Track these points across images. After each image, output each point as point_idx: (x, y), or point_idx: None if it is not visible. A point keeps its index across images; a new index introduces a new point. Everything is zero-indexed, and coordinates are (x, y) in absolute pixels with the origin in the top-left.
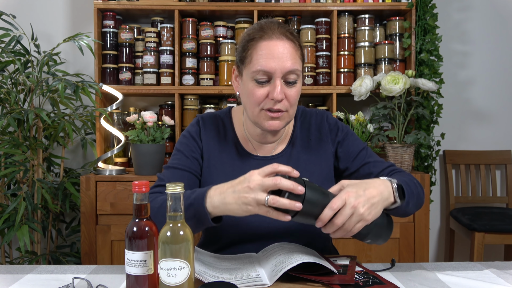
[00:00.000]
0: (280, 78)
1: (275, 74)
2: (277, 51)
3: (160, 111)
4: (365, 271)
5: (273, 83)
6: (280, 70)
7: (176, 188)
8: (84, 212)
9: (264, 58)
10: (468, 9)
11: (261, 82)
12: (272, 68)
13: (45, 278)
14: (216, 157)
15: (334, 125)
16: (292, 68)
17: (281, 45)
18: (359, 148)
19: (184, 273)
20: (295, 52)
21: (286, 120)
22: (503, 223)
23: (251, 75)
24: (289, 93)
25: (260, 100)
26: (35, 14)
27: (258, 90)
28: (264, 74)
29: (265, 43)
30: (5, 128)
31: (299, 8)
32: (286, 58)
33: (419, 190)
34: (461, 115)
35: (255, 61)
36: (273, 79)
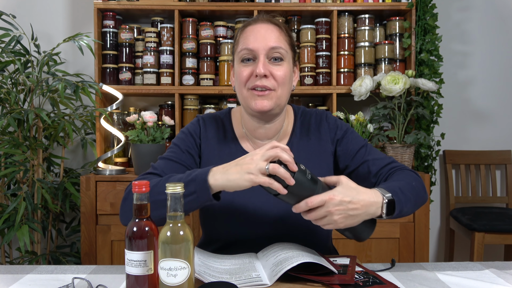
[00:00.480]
0: (264, 55)
1: (258, 51)
2: (261, 32)
3: (160, 111)
4: (365, 271)
5: (257, 60)
6: (263, 47)
7: (176, 188)
8: (84, 212)
9: (249, 38)
10: (468, 9)
11: (246, 60)
12: (255, 46)
13: (45, 278)
14: (215, 156)
15: (333, 124)
16: (275, 45)
17: (265, 27)
18: (359, 146)
19: (184, 273)
20: (280, 34)
21: (274, 101)
22: (503, 223)
23: (238, 57)
24: (275, 71)
25: (246, 79)
26: (35, 14)
27: (244, 70)
28: (248, 52)
29: (251, 27)
30: (5, 128)
31: (299, 8)
32: (269, 37)
33: (418, 190)
34: (461, 115)
35: (241, 43)
36: (257, 57)
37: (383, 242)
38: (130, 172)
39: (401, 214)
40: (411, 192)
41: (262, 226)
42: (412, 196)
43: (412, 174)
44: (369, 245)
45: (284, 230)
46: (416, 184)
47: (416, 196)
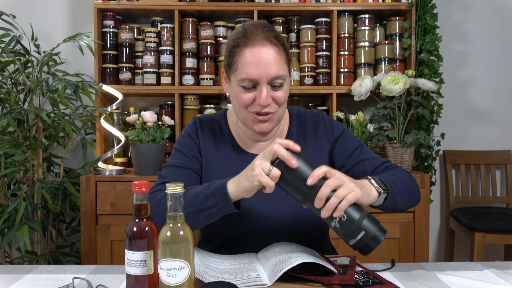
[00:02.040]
0: (266, 84)
1: (261, 81)
2: (261, 58)
3: (160, 111)
4: (365, 271)
5: (259, 89)
6: (265, 77)
7: (176, 188)
8: (84, 212)
9: (248, 66)
10: (468, 9)
11: (247, 88)
12: (257, 75)
13: (45, 278)
14: (213, 156)
15: (329, 124)
16: (276, 74)
17: (264, 52)
18: (355, 146)
19: (184, 273)
20: (279, 56)
21: (275, 121)
22: (503, 223)
23: (237, 82)
24: (276, 95)
25: (247, 104)
26: (35, 14)
27: (245, 95)
28: (250, 81)
29: (249, 50)
30: (5, 128)
31: (299, 8)
32: (270, 64)
33: (410, 186)
34: (461, 115)
35: (241, 69)
36: (259, 85)
37: (383, 242)
38: (130, 172)
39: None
40: (402, 185)
41: (261, 223)
42: (404, 188)
43: (404, 172)
44: None
45: (282, 227)
46: (407, 180)
47: (408, 191)
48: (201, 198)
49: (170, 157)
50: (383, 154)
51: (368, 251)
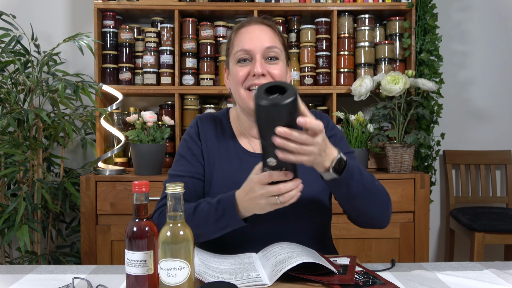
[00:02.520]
0: (260, 55)
1: (255, 51)
2: (255, 33)
3: (160, 111)
4: (365, 271)
5: (254, 60)
6: (259, 47)
7: (176, 188)
8: (84, 212)
9: (243, 40)
10: (468, 9)
11: (243, 61)
12: (251, 46)
13: (45, 278)
14: (215, 154)
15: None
16: (270, 44)
17: (258, 28)
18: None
19: (184, 273)
20: (273, 34)
21: None
22: (503, 223)
23: (234, 58)
24: (271, 70)
25: (243, 78)
26: (35, 14)
27: (241, 70)
28: (245, 53)
29: (244, 29)
30: (5, 128)
31: (299, 8)
32: (264, 38)
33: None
34: (461, 115)
35: (236, 45)
36: (254, 57)
37: (383, 242)
38: (130, 172)
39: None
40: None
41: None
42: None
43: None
44: (369, 245)
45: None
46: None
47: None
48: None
49: (174, 163)
50: (383, 154)
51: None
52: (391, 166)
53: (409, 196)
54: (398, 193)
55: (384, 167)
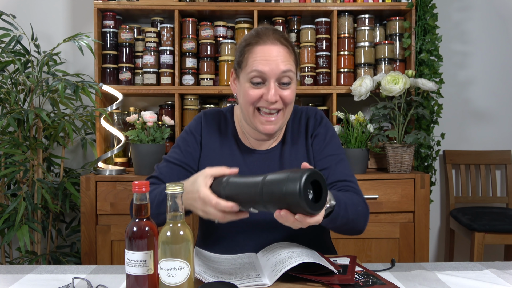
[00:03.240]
0: (274, 80)
1: (269, 76)
2: (271, 54)
3: (160, 111)
4: (365, 271)
5: (268, 85)
6: (274, 72)
7: (176, 188)
8: (84, 212)
9: (258, 61)
10: (468, 9)
11: (256, 84)
12: (266, 70)
13: (45, 278)
14: (216, 149)
15: (320, 120)
16: (285, 69)
17: (275, 49)
18: (332, 152)
19: (184, 273)
20: (289, 55)
21: (281, 123)
22: (503, 223)
23: (247, 77)
24: (283, 94)
25: (254, 100)
26: (35, 14)
27: (253, 91)
28: (259, 76)
29: (260, 48)
30: (5, 128)
31: (299, 8)
32: (279, 61)
33: (359, 215)
34: (461, 115)
35: (251, 64)
36: (268, 81)
37: (383, 242)
38: (130, 172)
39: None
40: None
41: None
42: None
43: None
44: (369, 245)
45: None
46: (359, 211)
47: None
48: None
49: (171, 149)
50: (383, 154)
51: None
52: (391, 166)
53: (409, 196)
54: (398, 193)
55: (384, 167)
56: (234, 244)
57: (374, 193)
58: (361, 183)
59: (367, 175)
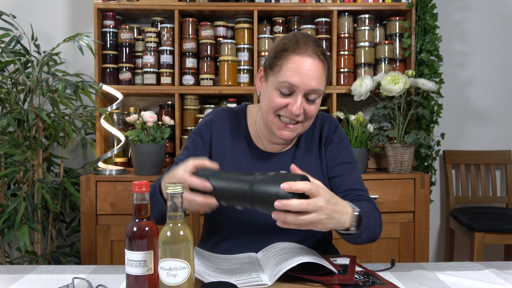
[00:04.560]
0: (302, 94)
1: (299, 89)
2: (306, 68)
3: (160, 111)
4: (365, 271)
5: (295, 97)
6: (304, 87)
7: (176, 188)
8: (84, 212)
9: (292, 71)
10: (468, 9)
11: (283, 94)
12: (297, 83)
13: (45, 278)
14: (227, 149)
15: (334, 127)
16: (316, 87)
17: (311, 63)
18: (346, 160)
19: (184, 273)
20: (323, 73)
21: (299, 132)
22: (503, 223)
23: (276, 84)
24: (308, 108)
25: (278, 108)
26: (35, 14)
27: (279, 99)
28: (288, 87)
29: (297, 58)
30: (5, 128)
31: (299, 8)
32: (312, 77)
33: (377, 224)
34: (461, 115)
35: (284, 72)
36: (296, 93)
37: (383, 242)
38: (130, 172)
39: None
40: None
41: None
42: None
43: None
44: (369, 245)
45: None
46: (377, 218)
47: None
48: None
49: (182, 150)
50: (383, 154)
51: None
52: (391, 166)
53: (409, 196)
54: (398, 193)
55: (384, 167)
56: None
57: (374, 193)
58: None
59: (367, 175)
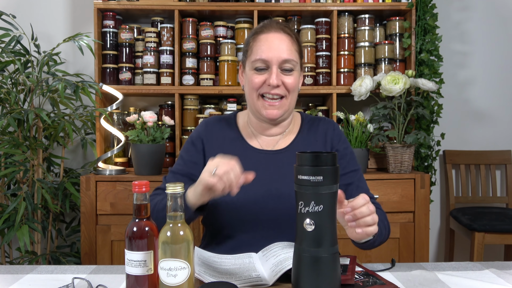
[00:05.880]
0: (277, 66)
1: (272, 62)
2: (274, 42)
3: (160, 111)
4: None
5: (270, 71)
6: (276, 59)
7: (176, 188)
8: (84, 212)
9: (262, 48)
10: (468, 9)
11: (259, 70)
12: (269, 57)
13: (45, 278)
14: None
15: (338, 135)
16: (287, 57)
17: (278, 37)
18: (353, 168)
19: (184, 273)
20: (291, 45)
21: (284, 109)
22: (503, 223)
23: (251, 65)
24: (286, 80)
25: (258, 86)
26: (35, 14)
27: (257, 77)
28: (262, 62)
29: (264, 35)
30: (5, 128)
31: (299, 8)
32: (282, 49)
33: (387, 231)
34: (461, 115)
35: (255, 52)
36: (270, 67)
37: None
38: (130, 172)
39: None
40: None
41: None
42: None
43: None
44: None
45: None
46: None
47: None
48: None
49: (176, 160)
50: (383, 154)
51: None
52: (391, 166)
53: (409, 196)
54: (398, 193)
55: (384, 167)
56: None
57: (374, 193)
58: None
59: (367, 175)
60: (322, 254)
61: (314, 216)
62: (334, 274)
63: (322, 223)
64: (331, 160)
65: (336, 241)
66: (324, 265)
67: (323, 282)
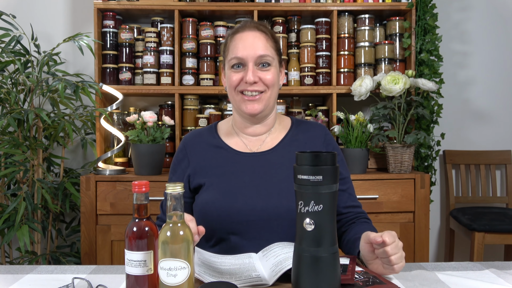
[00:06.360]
0: (253, 63)
1: (247, 59)
2: (249, 41)
3: (160, 111)
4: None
5: (247, 67)
6: (251, 56)
7: (176, 188)
8: (84, 212)
9: (237, 46)
10: (468, 9)
11: (236, 67)
12: (244, 54)
13: (45, 278)
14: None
15: (329, 140)
16: (262, 53)
17: (252, 35)
18: (343, 176)
19: (184, 273)
20: (266, 41)
21: (264, 103)
22: (503, 223)
23: (228, 64)
24: (263, 76)
25: (236, 83)
26: (35, 14)
27: (234, 75)
28: (238, 60)
29: (239, 35)
30: (5, 128)
31: (299, 8)
32: (257, 46)
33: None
34: (461, 115)
35: (231, 51)
36: (247, 64)
37: None
38: (130, 172)
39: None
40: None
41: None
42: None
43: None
44: None
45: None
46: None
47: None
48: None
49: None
50: (383, 154)
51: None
52: (391, 166)
53: (409, 196)
54: (398, 193)
55: (384, 167)
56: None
57: (374, 193)
58: (361, 183)
59: (367, 175)
60: (322, 254)
61: (314, 216)
62: (334, 274)
63: (322, 222)
64: (331, 159)
65: (336, 241)
66: (324, 265)
67: (323, 282)
